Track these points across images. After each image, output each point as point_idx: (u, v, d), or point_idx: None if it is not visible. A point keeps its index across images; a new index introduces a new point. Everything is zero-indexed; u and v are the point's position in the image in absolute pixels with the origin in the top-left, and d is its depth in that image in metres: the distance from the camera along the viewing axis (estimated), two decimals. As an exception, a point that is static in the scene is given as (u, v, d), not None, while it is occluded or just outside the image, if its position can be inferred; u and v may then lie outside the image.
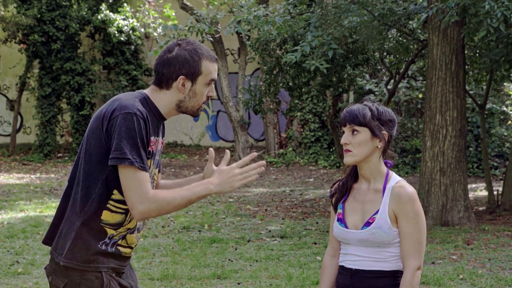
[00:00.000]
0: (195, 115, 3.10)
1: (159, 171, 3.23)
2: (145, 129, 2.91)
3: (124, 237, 3.04)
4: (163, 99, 3.02)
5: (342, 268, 3.16)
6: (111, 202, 2.97)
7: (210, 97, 3.09)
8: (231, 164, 3.00)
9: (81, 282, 2.97)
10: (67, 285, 2.98)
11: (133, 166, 2.84)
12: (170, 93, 3.02)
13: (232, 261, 8.05)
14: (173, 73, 2.99)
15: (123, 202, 2.98)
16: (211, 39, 14.57)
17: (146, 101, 2.99)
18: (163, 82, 3.01)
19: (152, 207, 2.87)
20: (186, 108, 3.05)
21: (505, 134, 16.81)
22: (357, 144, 3.04)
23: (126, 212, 3.01)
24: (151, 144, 2.98)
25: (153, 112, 3.00)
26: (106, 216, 2.98)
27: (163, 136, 3.16)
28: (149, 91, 3.05)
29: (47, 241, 3.13)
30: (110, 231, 3.00)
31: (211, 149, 3.13)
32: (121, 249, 3.05)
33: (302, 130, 19.54)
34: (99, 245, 2.98)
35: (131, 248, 3.10)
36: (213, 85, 3.08)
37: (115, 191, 2.97)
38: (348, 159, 3.07)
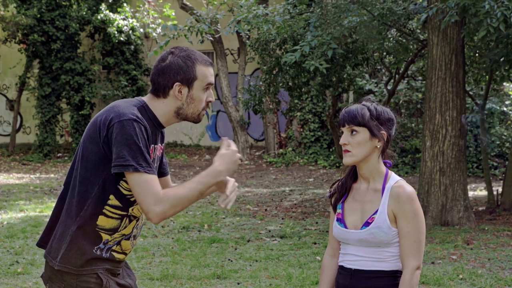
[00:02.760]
0: (196, 121, 3.09)
1: (165, 175, 3.25)
2: (146, 133, 2.92)
3: (119, 243, 3.04)
4: (161, 107, 3.02)
5: (341, 268, 3.16)
6: (107, 207, 2.97)
7: (209, 102, 3.07)
8: (231, 148, 3.01)
9: (77, 284, 2.97)
10: None
11: (139, 172, 2.84)
12: (167, 101, 3.02)
13: (232, 261, 8.05)
14: (168, 81, 2.99)
15: (119, 207, 2.99)
16: (211, 38, 14.57)
17: (144, 109, 2.99)
18: (159, 91, 3.01)
19: (167, 206, 2.85)
20: (186, 115, 3.04)
21: (505, 134, 16.81)
22: (356, 144, 3.03)
23: (122, 217, 3.01)
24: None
25: (151, 120, 3.00)
26: (101, 221, 2.97)
27: (162, 142, 3.16)
28: (147, 99, 3.05)
29: (41, 244, 3.12)
30: (105, 236, 2.99)
31: (226, 138, 3.10)
32: (116, 254, 3.05)
33: (301, 130, 19.54)
34: (93, 250, 2.98)
35: (125, 254, 3.10)
36: (211, 90, 3.08)
37: (111, 196, 2.96)
38: (347, 160, 3.07)
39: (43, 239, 3.11)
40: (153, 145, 3.02)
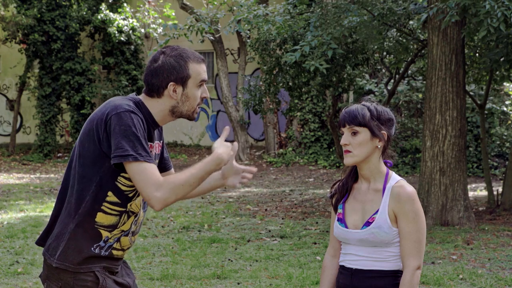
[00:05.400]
0: (191, 118, 3.10)
1: (168, 169, 3.25)
2: (143, 124, 2.92)
3: (118, 240, 3.04)
4: (156, 106, 3.02)
5: (342, 268, 3.16)
6: (105, 204, 2.97)
7: (204, 98, 3.08)
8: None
9: (74, 283, 2.96)
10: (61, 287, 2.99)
11: (138, 161, 2.83)
12: (162, 101, 3.02)
13: (232, 261, 8.05)
14: (162, 81, 2.99)
15: (117, 204, 2.99)
16: (211, 38, 14.58)
17: (139, 105, 3.00)
18: (154, 92, 3.02)
19: (168, 192, 2.85)
20: (181, 113, 3.05)
21: (505, 134, 16.81)
22: (357, 145, 3.03)
23: (121, 214, 3.01)
24: None
25: (146, 117, 3.00)
26: (100, 218, 2.98)
27: (160, 139, 3.17)
28: (142, 97, 3.05)
29: (40, 242, 3.12)
30: (104, 234, 2.99)
31: (228, 128, 3.12)
32: (114, 252, 3.05)
33: (302, 130, 19.54)
34: (92, 249, 2.98)
35: (124, 251, 3.10)
36: (205, 86, 3.08)
37: (109, 193, 2.96)
38: (348, 160, 3.06)
39: (42, 238, 3.11)
40: (149, 143, 3.02)
